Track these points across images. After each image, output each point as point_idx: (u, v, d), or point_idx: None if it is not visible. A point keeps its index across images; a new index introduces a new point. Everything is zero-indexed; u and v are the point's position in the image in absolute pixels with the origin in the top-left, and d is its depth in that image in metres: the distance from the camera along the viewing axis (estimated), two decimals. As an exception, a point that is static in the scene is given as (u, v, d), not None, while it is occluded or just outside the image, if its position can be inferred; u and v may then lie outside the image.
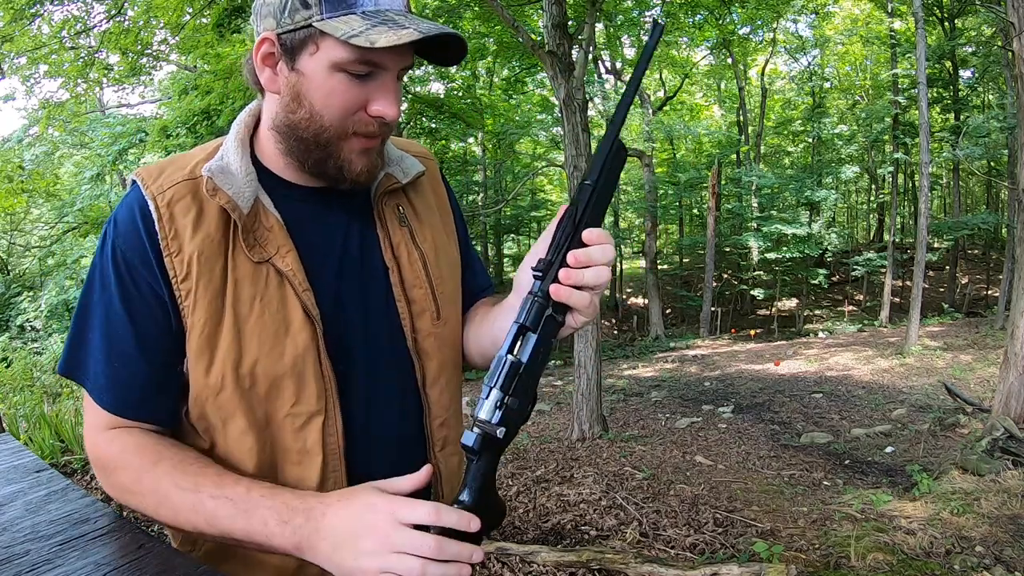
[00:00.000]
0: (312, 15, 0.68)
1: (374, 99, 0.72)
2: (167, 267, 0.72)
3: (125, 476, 0.74)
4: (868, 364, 10.34)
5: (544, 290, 0.65)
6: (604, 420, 6.13)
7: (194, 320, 0.72)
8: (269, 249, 0.74)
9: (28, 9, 7.48)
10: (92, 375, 0.75)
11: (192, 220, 0.73)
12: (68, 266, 17.72)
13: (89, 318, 0.75)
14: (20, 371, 10.31)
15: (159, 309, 0.73)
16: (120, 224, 0.74)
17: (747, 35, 18.94)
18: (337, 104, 0.71)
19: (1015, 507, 3.22)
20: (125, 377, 0.74)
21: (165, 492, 0.70)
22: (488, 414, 0.62)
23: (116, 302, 0.73)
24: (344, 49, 0.68)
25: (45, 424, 4.24)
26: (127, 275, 0.73)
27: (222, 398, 0.73)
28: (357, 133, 0.74)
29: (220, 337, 0.72)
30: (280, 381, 0.74)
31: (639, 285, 26.01)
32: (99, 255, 0.76)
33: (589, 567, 2.75)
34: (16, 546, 0.79)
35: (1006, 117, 14.04)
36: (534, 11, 11.10)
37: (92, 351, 0.75)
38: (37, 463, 1.20)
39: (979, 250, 22.78)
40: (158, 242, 0.72)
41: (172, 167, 0.77)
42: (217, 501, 0.67)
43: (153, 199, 0.73)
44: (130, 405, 0.75)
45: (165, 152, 9.53)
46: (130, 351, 0.73)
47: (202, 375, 0.73)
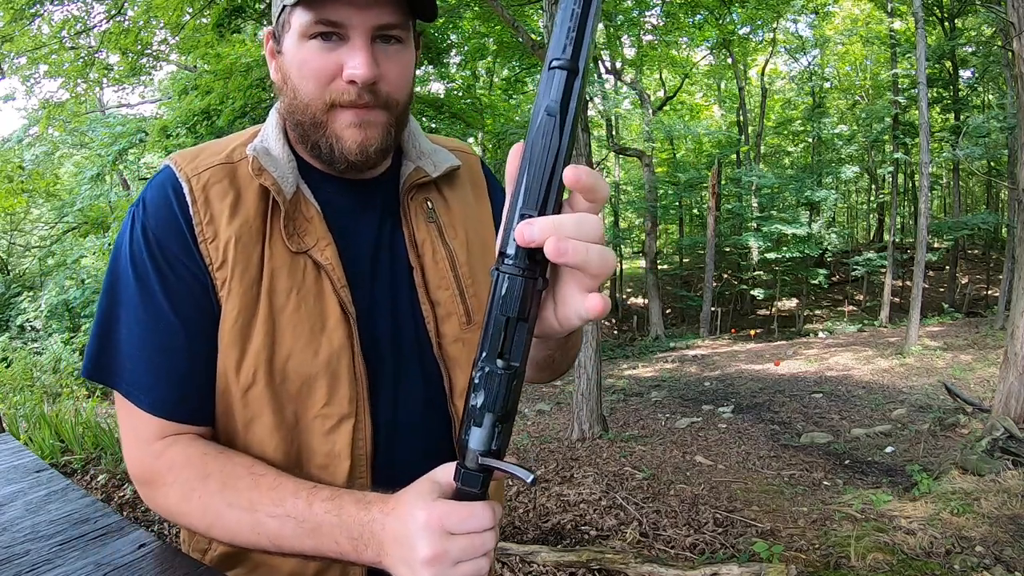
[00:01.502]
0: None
1: (345, 62, 0.68)
2: (203, 252, 0.69)
3: (172, 494, 0.68)
4: (868, 364, 10.34)
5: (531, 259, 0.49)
6: (604, 420, 6.14)
7: (227, 309, 0.68)
8: (308, 240, 0.72)
9: (28, 9, 7.48)
10: (129, 375, 0.68)
11: (229, 204, 0.70)
12: (68, 266, 17.71)
13: (119, 311, 0.69)
14: (20, 371, 10.31)
15: (202, 295, 0.69)
16: (151, 206, 0.70)
17: (747, 35, 18.93)
18: (309, 73, 0.69)
19: (1015, 507, 3.22)
20: (170, 373, 0.68)
21: (217, 512, 0.66)
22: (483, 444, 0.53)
23: (155, 290, 0.68)
24: (303, 12, 0.67)
25: (45, 424, 4.24)
26: (164, 260, 0.68)
27: (252, 394, 0.69)
28: (339, 104, 0.70)
29: (254, 329, 0.69)
30: (313, 380, 0.70)
31: (639, 285, 26.01)
32: (127, 241, 0.70)
33: (589, 567, 2.75)
34: (16, 546, 0.79)
35: (1006, 117, 14.04)
36: (534, 11, 11.10)
37: (127, 348, 0.68)
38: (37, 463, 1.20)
39: (979, 250, 22.77)
40: (193, 225, 0.69)
41: (207, 151, 0.74)
42: (278, 520, 0.63)
43: (187, 180, 0.70)
44: (177, 404, 0.69)
45: (165, 152, 9.52)
46: (175, 343, 0.68)
47: (232, 368, 0.69)
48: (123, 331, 0.69)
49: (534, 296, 0.48)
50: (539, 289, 0.49)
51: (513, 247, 0.47)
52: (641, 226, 23.42)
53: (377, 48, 0.69)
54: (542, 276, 0.49)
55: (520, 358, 0.50)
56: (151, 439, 0.69)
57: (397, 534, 0.59)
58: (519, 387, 0.51)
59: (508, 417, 0.52)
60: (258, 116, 8.14)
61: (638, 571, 2.69)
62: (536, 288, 0.48)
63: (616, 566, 2.73)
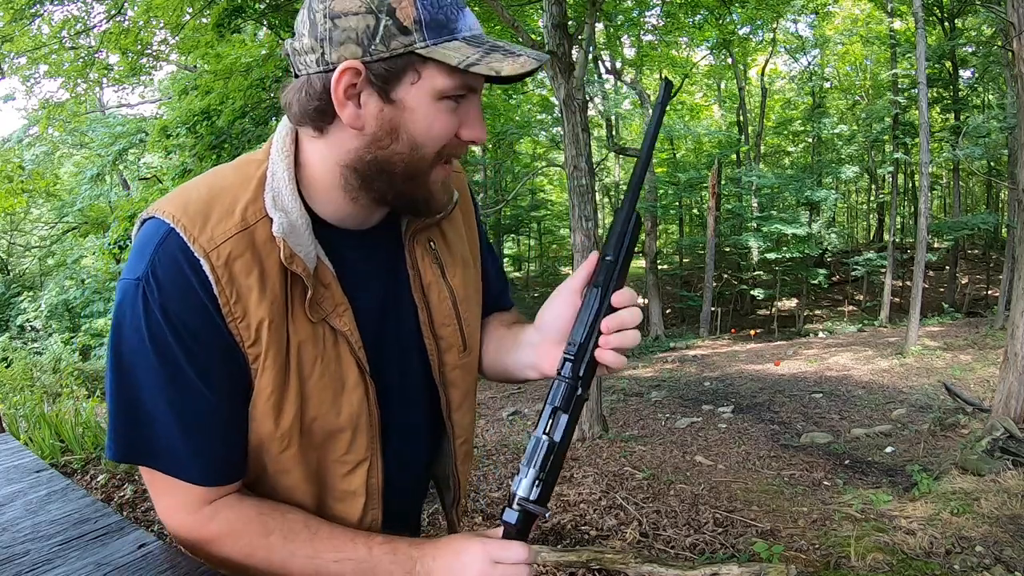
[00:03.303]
0: (414, 41, 0.62)
1: (465, 123, 0.69)
2: (232, 331, 0.67)
3: (234, 549, 0.71)
4: (868, 364, 10.34)
5: (575, 374, 0.69)
6: (604, 420, 6.13)
7: (262, 385, 0.69)
8: (326, 307, 0.72)
9: (28, 9, 7.48)
10: (166, 453, 0.68)
11: (256, 280, 0.67)
12: (68, 266, 17.72)
13: (142, 395, 0.67)
14: (20, 371, 10.30)
15: (234, 369, 0.69)
16: (167, 285, 0.65)
17: (747, 35, 18.92)
18: (439, 134, 0.67)
19: (1015, 507, 3.22)
20: (212, 446, 0.69)
21: (282, 563, 0.71)
22: (526, 491, 0.69)
23: (185, 370, 0.66)
24: (451, 76, 0.64)
25: (45, 424, 4.24)
26: (191, 339, 0.66)
27: (286, 455, 0.73)
28: (446, 159, 0.71)
29: (286, 401, 0.71)
30: (336, 434, 0.75)
31: (639, 285, 26.00)
32: (141, 322, 0.65)
33: (589, 567, 2.75)
34: (16, 546, 0.79)
35: (1006, 117, 14.04)
36: (534, 11, 11.09)
37: (159, 427, 0.67)
38: (37, 463, 1.20)
39: (979, 250, 22.77)
40: (219, 305, 0.66)
41: (217, 211, 0.67)
42: (339, 564, 0.71)
43: (205, 256, 0.65)
44: (220, 472, 0.71)
45: (165, 152, 9.52)
46: (213, 419, 0.69)
47: (268, 436, 0.72)
48: (152, 413, 0.67)
49: (577, 401, 0.70)
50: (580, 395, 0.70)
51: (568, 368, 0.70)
52: (641, 226, 23.38)
53: None
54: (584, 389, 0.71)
55: (559, 436, 0.69)
56: (198, 506, 0.71)
57: (450, 564, 0.71)
58: (558, 460, 0.70)
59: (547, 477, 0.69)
60: (258, 116, 8.13)
61: (638, 571, 2.69)
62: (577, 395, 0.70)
63: (616, 566, 2.73)
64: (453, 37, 0.64)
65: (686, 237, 26.19)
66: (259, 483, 0.77)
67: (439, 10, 0.63)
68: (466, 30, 0.65)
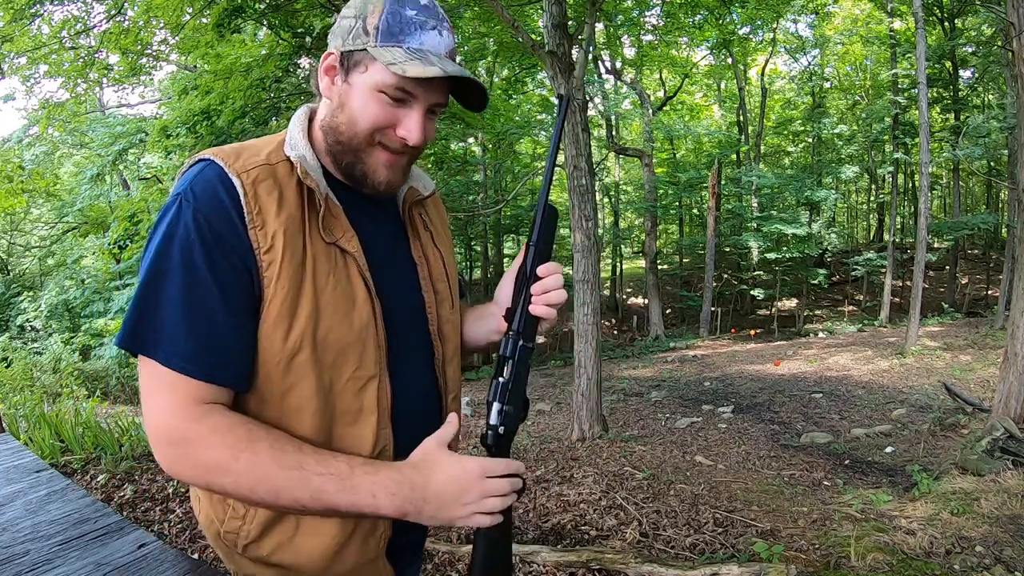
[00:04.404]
0: (368, 41, 0.82)
1: (401, 122, 0.85)
2: (251, 238, 0.77)
3: (216, 454, 0.74)
4: (868, 364, 10.34)
5: (516, 329, 0.88)
6: (604, 420, 6.14)
7: (277, 288, 0.78)
8: (336, 232, 0.84)
9: (28, 9, 7.48)
10: (169, 343, 0.75)
11: (276, 200, 0.80)
12: (68, 266, 17.71)
13: (163, 285, 0.75)
14: (20, 371, 10.30)
15: (245, 273, 0.77)
16: (201, 196, 0.77)
17: (747, 35, 18.92)
18: (369, 117, 0.84)
19: (1015, 507, 3.22)
20: (210, 339, 0.75)
21: (265, 471, 0.74)
22: (496, 420, 0.86)
23: (201, 266, 0.75)
24: (385, 74, 0.81)
25: (45, 424, 4.24)
26: (213, 241, 0.76)
27: (298, 360, 0.79)
28: (383, 145, 0.86)
29: (300, 305, 0.79)
30: (347, 348, 0.83)
31: (639, 285, 25.99)
32: (175, 223, 0.76)
33: (589, 567, 2.75)
34: (16, 546, 0.79)
35: (1006, 117, 14.04)
36: (534, 11, 11.10)
37: (167, 319, 0.75)
38: (37, 463, 1.20)
39: (979, 250, 22.77)
40: (243, 215, 0.78)
41: (247, 152, 0.83)
42: (323, 478, 0.75)
43: (238, 176, 0.79)
44: (217, 368, 0.76)
45: (165, 152, 9.52)
46: (216, 313, 0.76)
47: (280, 340, 0.79)
48: (164, 302, 0.75)
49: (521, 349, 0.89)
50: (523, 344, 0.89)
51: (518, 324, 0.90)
52: (641, 226, 23.41)
53: (425, 117, 0.86)
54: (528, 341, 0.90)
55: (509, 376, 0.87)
56: (188, 403, 0.75)
57: (444, 481, 0.79)
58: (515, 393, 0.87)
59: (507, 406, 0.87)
60: (258, 116, 8.13)
61: (638, 571, 2.69)
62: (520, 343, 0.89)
63: (616, 566, 2.73)
64: (397, 45, 0.81)
65: (686, 237, 26.19)
66: (265, 406, 0.81)
67: (396, 24, 0.81)
68: (415, 43, 0.82)
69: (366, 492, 0.76)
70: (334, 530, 0.84)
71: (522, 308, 0.90)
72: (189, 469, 0.76)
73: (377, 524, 0.89)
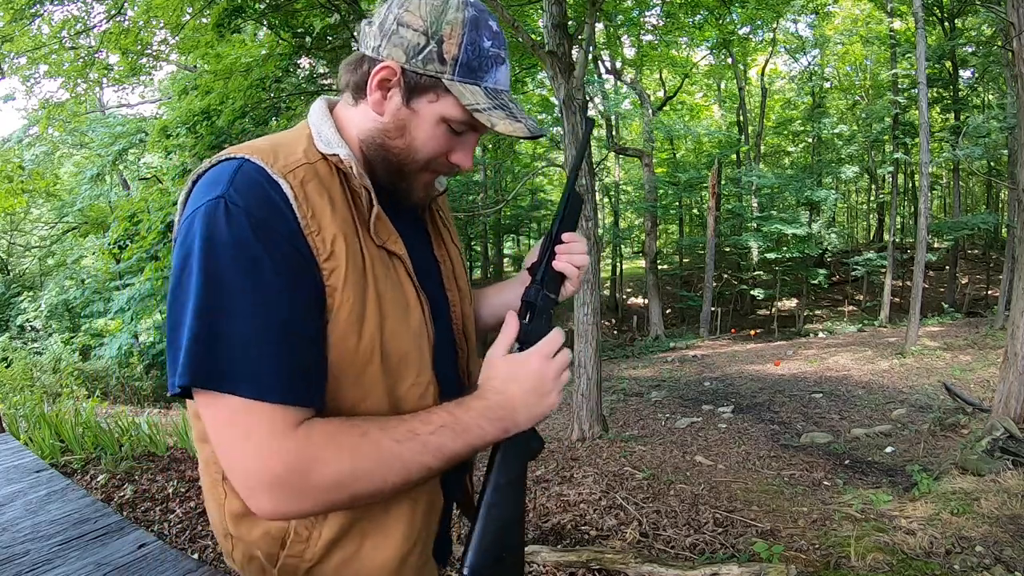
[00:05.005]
0: (445, 72, 0.76)
1: (457, 150, 0.83)
2: (310, 244, 0.71)
3: (339, 466, 0.69)
4: (868, 364, 10.34)
5: (539, 279, 0.91)
6: (604, 420, 6.14)
7: (343, 297, 0.73)
8: (383, 235, 0.80)
9: (28, 9, 7.48)
10: (251, 373, 0.66)
11: (328, 202, 0.74)
12: (68, 266, 17.72)
13: (227, 304, 0.65)
14: (20, 371, 10.32)
15: (311, 281, 0.71)
16: (251, 197, 0.69)
17: (747, 35, 18.93)
18: (433, 148, 0.81)
19: (1015, 507, 3.22)
20: (297, 359, 0.69)
21: (391, 453, 0.71)
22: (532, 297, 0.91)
23: (269, 275, 0.67)
24: (458, 109, 0.78)
25: (45, 424, 4.24)
26: (275, 247, 0.68)
27: (368, 372, 0.76)
28: (432, 169, 0.85)
29: (367, 313, 0.75)
30: (407, 354, 0.80)
31: (639, 285, 26.00)
32: (221, 231, 0.66)
33: (589, 567, 2.75)
34: (16, 546, 0.79)
35: (1006, 117, 14.04)
36: (534, 11, 11.10)
37: (242, 343, 0.65)
38: (37, 463, 1.20)
39: (979, 250, 22.78)
40: (297, 219, 0.70)
41: (282, 149, 0.76)
42: (437, 435, 0.74)
43: (283, 177, 0.72)
44: (307, 389, 0.69)
45: (165, 152, 9.52)
46: (295, 327, 0.69)
47: (351, 351, 0.74)
48: (234, 327, 0.65)
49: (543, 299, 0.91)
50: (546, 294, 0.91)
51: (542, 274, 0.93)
52: (641, 226, 23.41)
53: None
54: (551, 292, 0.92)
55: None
56: (288, 431, 0.68)
57: (522, 386, 0.80)
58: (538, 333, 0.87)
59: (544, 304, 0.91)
60: (258, 116, 8.14)
61: (638, 571, 2.69)
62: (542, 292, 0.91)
63: (616, 566, 2.73)
64: (476, 83, 0.78)
65: (686, 237, 26.19)
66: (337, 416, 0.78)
67: (475, 59, 0.77)
68: (491, 82, 0.79)
69: (474, 428, 0.77)
70: (400, 535, 0.81)
71: (546, 263, 0.92)
72: (311, 500, 0.69)
73: (434, 523, 0.87)
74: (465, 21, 0.76)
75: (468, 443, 0.76)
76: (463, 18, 0.76)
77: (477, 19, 0.77)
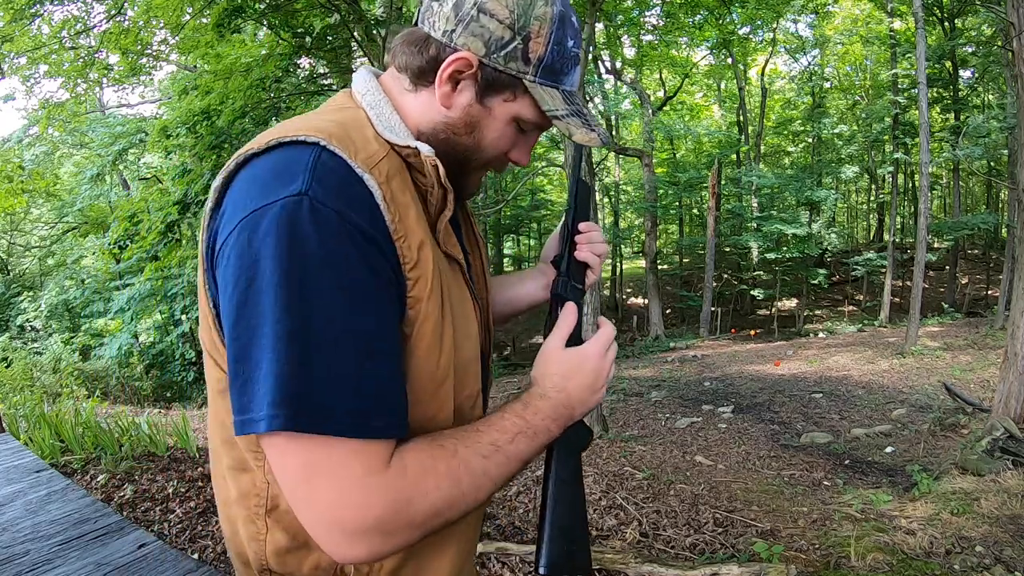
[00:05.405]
0: (527, 73, 0.71)
1: (518, 147, 0.79)
2: (399, 250, 0.63)
3: (437, 495, 0.63)
4: (868, 364, 10.34)
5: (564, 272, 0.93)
6: (604, 420, 6.14)
7: (427, 311, 0.66)
8: (446, 240, 0.74)
9: (28, 9, 7.48)
10: (352, 410, 0.57)
11: (412, 200, 0.67)
12: (68, 266, 17.72)
13: (320, 330, 0.56)
14: (20, 371, 10.32)
15: (398, 295, 0.64)
16: (340, 193, 0.59)
17: (747, 35, 18.93)
18: (501, 146, 0.77)
19: (1015, 507, 3.22)
20: (396, 384, 0.62)
21: (481, 470, 0.67)
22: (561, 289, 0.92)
23: (370, 294, 0.59)
24: (537, 114, 0.74)
25: (45, 424, 4.24)
26: (373, 258, 0.60)
27: (443, 388, 0.70)
28: (491, 167, 0.81)
29: (445, 327, 0.69)
30: (469, 365, 0.77)
31: (639, 285, 26.00)
32: (308, 235, 0.56)
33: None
34: (16, 546, 0.79)
35: (1006, 117, 14.04)
36: (534, 11, 11.08)
37: (342, 372, 0.57)
38: (37, 463, 1.20)
39: (979, 250, 22.78)
40: (386, 224, 0.62)
41: (356, 137, 0.66)
42: (514, 444, 0.71)
43: (368, 171, 0.63)
44: (400, 420, 0.62)
45: (165, 152, 9.52)
46: (395, 355, 0.62)
47: (432, 369, 0.68)
48: (332, 358, 0.57)
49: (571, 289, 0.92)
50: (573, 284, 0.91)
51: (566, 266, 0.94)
52: (641, 226, 23.41)
53: None
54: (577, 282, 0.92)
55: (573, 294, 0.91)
56: (383, 466, 0.60)
57: (580, 383, 0.78)
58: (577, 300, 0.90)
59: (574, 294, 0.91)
60: (258, 116, 8.13)
61: (638, 571, 2.69)
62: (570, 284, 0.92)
63: (616, 566, 2.73)
64: (556, 85, 0.73)
65: (686, 237, 26.19)
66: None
67: (559, 60, 0.71)
68: (569, 84, 0.75)
69: (543, 430, 0.75)
70: (455, 551, 0.79)
71: (568, 254, 0.92)
72: (407, 535, 0.62)
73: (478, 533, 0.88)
74: (554, 17, 0.69)
75: (540, 445, 0.75)
76: (552, 13, 0.69)
77: (564, 15, 0.70)
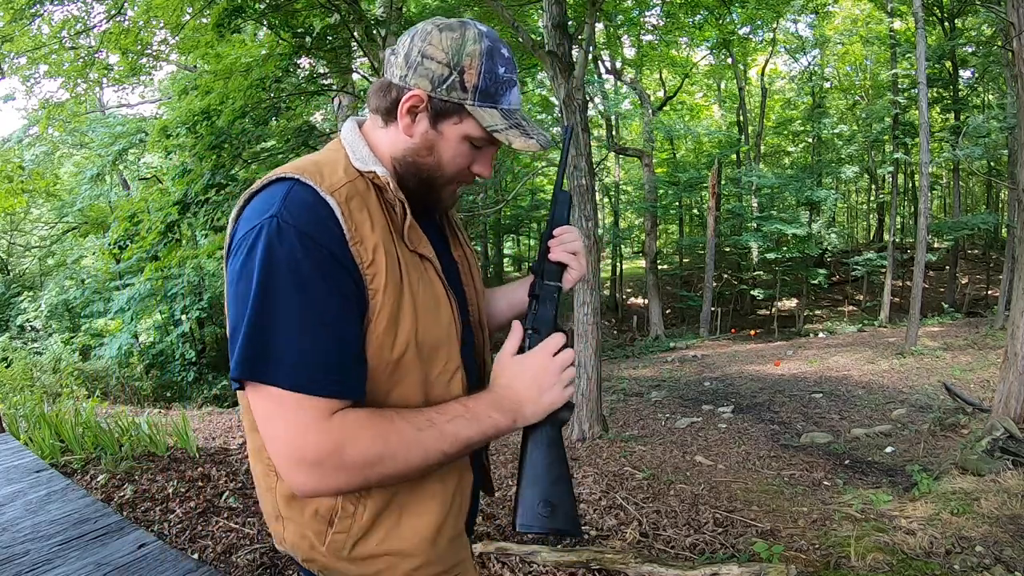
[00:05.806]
0: (466, 98, 0.87)
1: (478, 162, 0.95)
2: (353, 253, 0.82)
3: (368, 445, 0.79)
4: (868, 364, 10.34)
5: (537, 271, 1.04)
6: (604, 420, 6.14)
7: (384, 299, 0.83)
8: (415, 241, 0.91)
9: (28, 9, 7.48)
10: (293, 367, 0.76)
11: (367, 215, 0.85)
12: (68, 266, 17.71)
13: (277, 308, 0.76)
14: (20, 371, 10.32)
15: (354, 286, 0.81)
16: (303, 215, 0.80)
17: (747, 35, 18.93)
18: (459, 163, 0.93)
19: (1015, 507, 3.22)
20: (338, 355, 0.79)
21: (413, 438, 0.82)
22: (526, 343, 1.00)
23: (316, 283, 0.78)
24: (478, 129, 0.89)
25: (45, 424, 4.23)
26: (323, 258, 0.79)
27: (404, 361, 0.86)
28: (458, 181, 0.96)
29: (403, 313, 0.85)
30: (438, 344, 0.91)
31: (639, 285, 26.00)
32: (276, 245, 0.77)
33: (589, 567, 2.75)
34: (16, 546, 0.79)
35: (1006, 117, 14.04)
36: (534, 11, 11.09)
37: (288, 342, 0.76)
38: (37, 463, 1.20)
39: (979, 250, 22.78)
40: (344, 232, 0.81)
41: (327, 169, 0.87)
42: (453, 423, 0.85)
43: (331, 195, 0.83)
44: (348, 383, 0.80)
45: (165, 152, 9.51)
46: (337, 329, 0.79)
47: (389, 347, 0.85)
48: (282, 328, 0.76)
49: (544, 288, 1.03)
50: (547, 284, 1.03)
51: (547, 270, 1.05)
52: (641, 226, 23.42)
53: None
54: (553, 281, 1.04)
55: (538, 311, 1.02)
56: (323, 419, 0.77)
57: (525, 382, 0.92)
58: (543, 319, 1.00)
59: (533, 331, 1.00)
60: (258, 116, 8.12)
61: (638, 571, 2.69)
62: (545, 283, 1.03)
63: (616, 566, 2.73)
64: (494, 106, 0.89)
65: (686, 237, 26.18)
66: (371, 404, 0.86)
67: (492, 84, 0.88)
68: (506, 104, 0.90)
69: (485, 417, 0.87)
70: (435, 509, 0.92)
71: (542, 257, 1.04)
72: (343, 477, 0.79)
73: (465, 499, 0.98)
74: (482, 52, 0.86)
75: (481, 431, 0.87)
76: (480, 49, 0.86)
77: (492, 49, 0.87)
